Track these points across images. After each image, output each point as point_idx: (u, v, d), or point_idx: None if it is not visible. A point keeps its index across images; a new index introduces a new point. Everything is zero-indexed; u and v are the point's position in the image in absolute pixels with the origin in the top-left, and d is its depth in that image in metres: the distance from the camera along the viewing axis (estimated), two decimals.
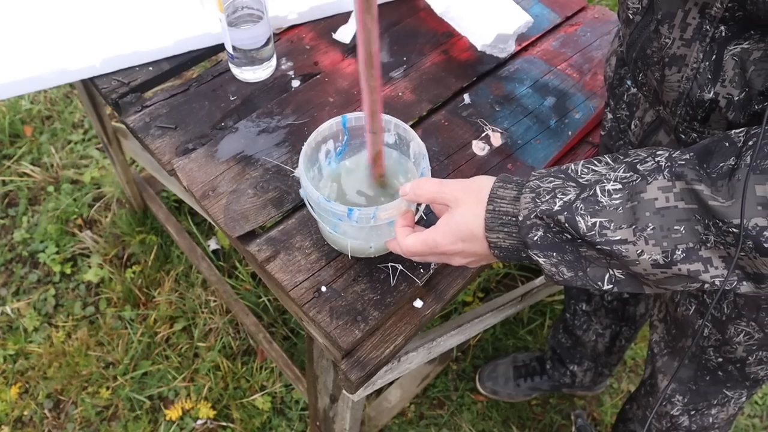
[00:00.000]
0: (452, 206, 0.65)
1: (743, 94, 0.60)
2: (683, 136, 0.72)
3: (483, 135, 1.03)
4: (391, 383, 1.55)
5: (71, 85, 1.87)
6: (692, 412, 1.03)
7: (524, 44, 1.17)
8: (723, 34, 0.60)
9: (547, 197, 0.58)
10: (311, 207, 0.79)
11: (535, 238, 0.59)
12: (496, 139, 1.02)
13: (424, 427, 1.59)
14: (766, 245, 0.49)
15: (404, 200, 0.71)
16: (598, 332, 1.36)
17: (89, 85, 1.09)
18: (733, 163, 0.51)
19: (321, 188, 0.85)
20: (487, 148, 1.01)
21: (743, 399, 0.99)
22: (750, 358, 0.86)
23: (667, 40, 0.65)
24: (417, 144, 0.79)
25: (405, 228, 0.70)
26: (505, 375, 1.62)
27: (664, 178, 0.53)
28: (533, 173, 0.62)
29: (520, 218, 0.59)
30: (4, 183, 1.91)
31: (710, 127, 0.67)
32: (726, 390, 0.96)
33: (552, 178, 0.59)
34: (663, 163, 0.54)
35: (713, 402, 1.00)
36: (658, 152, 0.56)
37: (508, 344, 1.73)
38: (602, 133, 0.97)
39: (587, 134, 1.07)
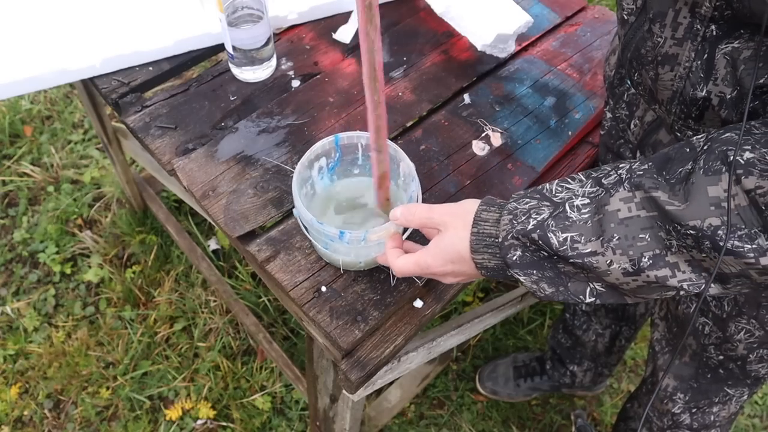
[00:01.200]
0: (441, 230, 0.67)
1: (735, 93, 0.61)
2: (679, 134, 0.72)
3: (483, 135, 1.03)
4: (391, 383, 1.55)
5: (71, 85, 1.87)
6: (693, 410, 1.03)
7: (524, 44, 1.17)
8: (714, 33, 0.61)
9: (523, 218, 0.60)
10: (304, 227, 0.80)
11: (514, 257, 0.61)
12: (496, 139, 1.02)
13: (424, 427, 1.59)
14: (721, 244, 0.50)
15: (394, 224, 0.73)
16: (598, 332, 1.37)
17: (89, 85, 1.09)
18: (690, 168, 0.53)
19: (314, 205, 0.87)
20: (487, 148, 1.01)
21: (744, 397, 0.99)
22: (751, 356, 0.86)
23: (659, 39, 0.66)
24: (407, 165, 0.80)
25: (395, 249, 0.73)
26: (505, 375, 1.62)
27: (625, 189, 0.55)
28: (513, 195, 0.64)
29: (500, 239, 0.62)
30: (4, 183, 1.91)
31: (705, 124, 0.68)
32: (727, 388, 0.97)
33: (528, 199, 0.62)
34: (624, 176, 0.57)
35: (714, 400, 1.00)
36: (620, 165, 0.58)
37: (508, 344, 1.73)
38: (602, 132, 0.97)
39: (587, 134, 1.07)
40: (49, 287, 1.73)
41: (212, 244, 1.79)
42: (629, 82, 0.81)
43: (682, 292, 0.56)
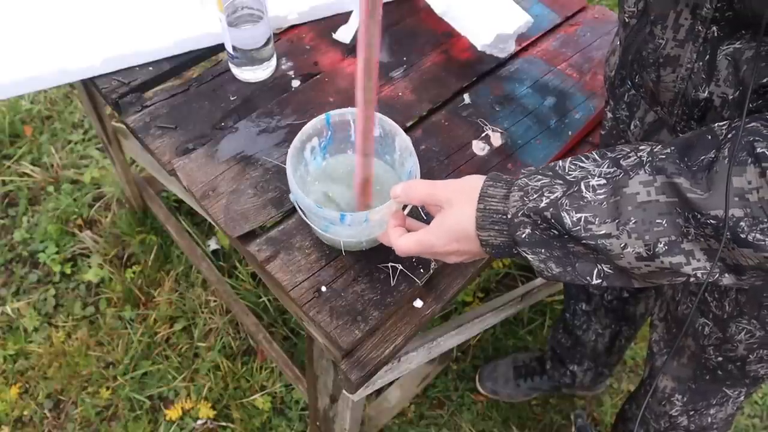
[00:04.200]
0: (445, 207, 0.65)
1: (737, 93, 0.61)
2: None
3: (483, 135, 1.03)
4: (391, 383, 1.55)
5: (71, 85, 1.87)
6: (691, 412, 1.03)
7: (524, 44, 1.17)
8: (715, 34, 0.61)
9: (535, 196, 0.59)
10: (302, 211, 0.80)
11: (524, 235, 0.59)
12: (496, 139, 1.02)
13: (424, 427, 1.59)
14: (743, 236, 0.50)
15: (395, 202, 0.72)
16: (598, 332, 1.36)
17: (89, 85, 1.09)
18: (713, 156, 0.52)
19: (309, 185, 0.86)
20: (487, 148, 1.01)
21: (741, 398, 0.99)
22: (751, 356, 0.86)
23: (660, 41, 0.66)
24: (402, 139, 0.80)
25: (398, 228, 0.71)
26: (505, 375, 1.62)
27: (645, 172, 0.54)
28: (522, 171, 0.62)
29: (509, 216, 0.60)
30: (4, 183, 1.91)
31: (707, 125, 0.67)
32: (725, 388, 0.96)
33: (540, 176, 0.60)
34: (644, 158, 0.55)
35: (712, 402, 1.00)
36: (640, 147, 0.57)
37: (508, 344, 1.73)
38: (602, 132, 0.97)
39: (587, 134, 1.07)
40: (49, 287, 1.72)
41: (212, 244, 1.79)
42: (630, 84, 0.81)
43: (692, 279, 0.55)
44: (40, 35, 1.04)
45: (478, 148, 1.01)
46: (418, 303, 0.85)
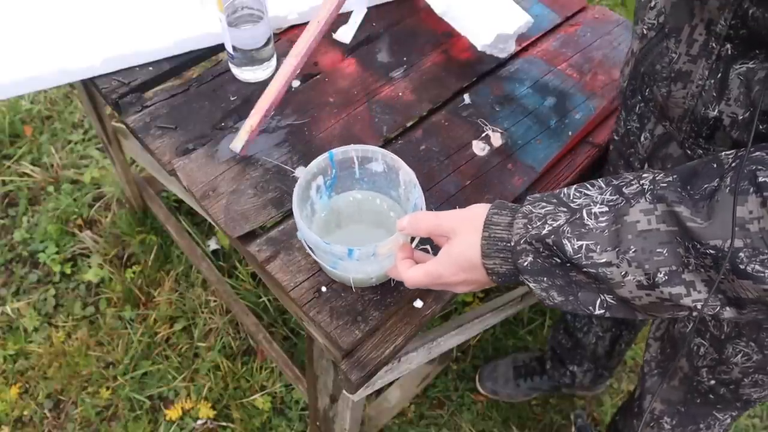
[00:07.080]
0: (451, 237, 0.65)
1: (748, 114, 0.60)
2: (689, 152, 0.71)
3: (483, 135, 1.03)
4: (391, 383, 1.55)
5: (71, 85, 1.87)
6: None
7: (524, 44, 1.17)
8: (729, 52, 0.60)
9: (538, 223, 0.58)
10: (310, 249, 0.79)
11: (525, 263, 0.59)
12: (496, 139, 1.02)
13: (424, 427, 1.59)
14: (742, 267, 0.48)
15: (402, 235, 0.71)
16: (599, 335, 1.36)
17: (89, 85, 1.09)
18: (715, 185, 0.51)
19: (315, 226, 0.86)
20: (487, 148, 1.01)
21: (729, 421, 0.97)
22: (745, 379, 0.84)
23: (674, 55, 0.65)
24: (406, 173, 0.79)
25: (406, 260, 0.71)
26: (505, 375, 1.62)
27: (646, 200, 0.53)
28: (528, 198, 0.62)
29: (512, 243, 0.59)
30: (4, 183, 1.91)
31: (716, 144, 0.66)
32: (716, 412, 0.95)
33: (544, 204, 0.59)
34: (646, 186, 0.54)
35: (701, 426, 0.98)
36: (643, 175, 0.56)
37: (508, 344, 1.73)
38: (615, 137, 0.96)
39: (587, 134, 1.07)
40: (49, 287, 1.72)
41: (212, 244, 1.79)
42: (640, 96, 0.80)
43: (695, 313, 0.53)
44: (40, 35, 1.04)
45: (478, 148, 1.01)
46: (418, 303, 0.85)
